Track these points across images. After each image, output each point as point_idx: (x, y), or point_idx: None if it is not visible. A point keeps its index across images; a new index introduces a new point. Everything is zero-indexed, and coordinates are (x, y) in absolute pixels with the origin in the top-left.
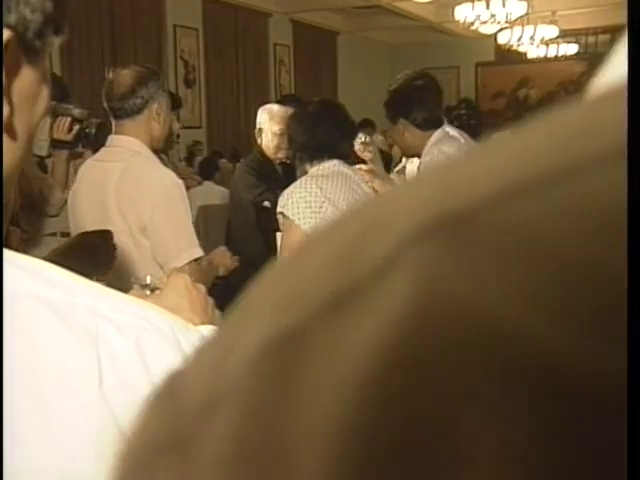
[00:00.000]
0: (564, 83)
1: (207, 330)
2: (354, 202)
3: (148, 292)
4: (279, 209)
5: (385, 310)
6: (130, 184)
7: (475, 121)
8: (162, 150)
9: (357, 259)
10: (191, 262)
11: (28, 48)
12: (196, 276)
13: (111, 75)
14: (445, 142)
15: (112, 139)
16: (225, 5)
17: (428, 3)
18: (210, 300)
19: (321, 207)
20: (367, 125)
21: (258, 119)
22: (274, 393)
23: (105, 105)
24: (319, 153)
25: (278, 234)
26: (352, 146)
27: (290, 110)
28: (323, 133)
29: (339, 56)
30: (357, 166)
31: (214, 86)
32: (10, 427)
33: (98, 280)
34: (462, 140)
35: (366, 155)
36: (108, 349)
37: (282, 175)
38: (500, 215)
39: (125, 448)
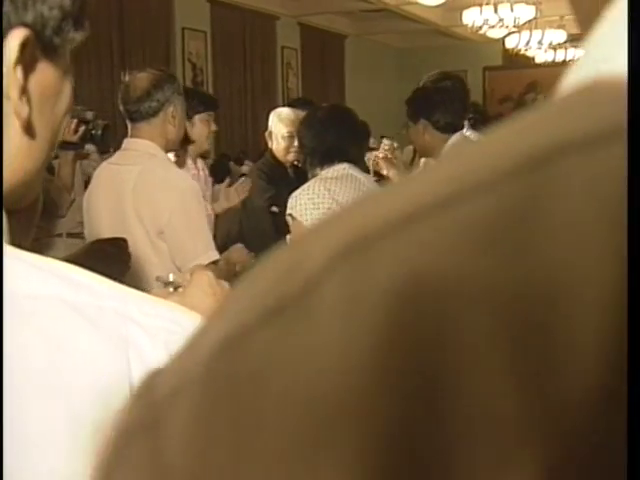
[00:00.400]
0: None
1: None
2: None
3: (171, 289)
4: (288, 211)
5: (317, 315)
6: (147, 188)
7: (483, 126)
8: (202, 155)
9: (293, 276)
10: (209, 265)
11: (47, 46)
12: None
13: (127, 78)
14: (459, 144)
15: (128, 142)
16: (233, 8)
17: (436, 7)
18: None
19: (328, 209)
20: None
21: (269, 122)
22: (225, 383)
23: (121, 108)
24: (329, 157)
25: (289, 237)
26: (363, 150)
27: (299, 113)
28: (333, 138)
29: (346, 59)
30: (373, 153)
31: (222, 89)
32: (36, 429)
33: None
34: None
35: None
36: (139, 354)
37: (294, 178)
38: (385, 244)
39: (105, 439)
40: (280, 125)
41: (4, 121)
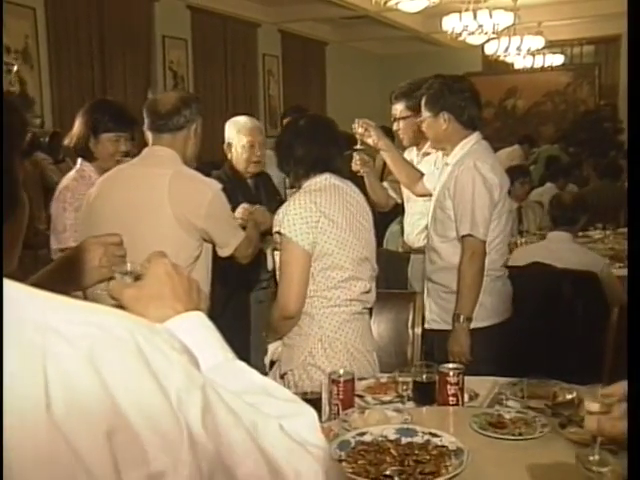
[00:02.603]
0: (550, 93)
1: (190, 318)
2: (349, 214)
3: (129, 280)
4: (275, 228)
5: None
6: (183, 188)
7: None
8: None
9: None
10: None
11: None
12: (245, 245)
13: (153, 95)
14: (479, 154)
15: (150, 149)
16: (214, 15)
17: (416, 14)
18: (195, 283)
19: (317, 222)
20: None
21: (226, 134)
22: None
23: (146, 119)
24: (315, 167)
25: (277, 254)
26: (346, 158)
27: (256, 121)
28: (319, 147)
29: (327, 66)
30: (358, 147)
31: (203, 96)
32: None
33: None
34: (493, 153)
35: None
36: (57, 367)
37: (253, 189)
38: None
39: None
40: (240, 135)
41: None
